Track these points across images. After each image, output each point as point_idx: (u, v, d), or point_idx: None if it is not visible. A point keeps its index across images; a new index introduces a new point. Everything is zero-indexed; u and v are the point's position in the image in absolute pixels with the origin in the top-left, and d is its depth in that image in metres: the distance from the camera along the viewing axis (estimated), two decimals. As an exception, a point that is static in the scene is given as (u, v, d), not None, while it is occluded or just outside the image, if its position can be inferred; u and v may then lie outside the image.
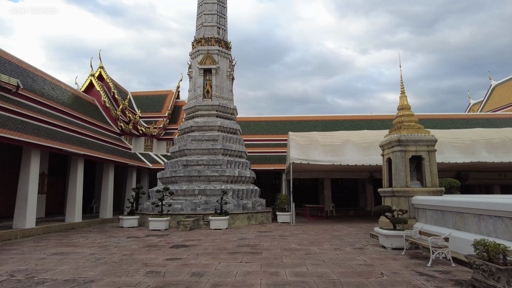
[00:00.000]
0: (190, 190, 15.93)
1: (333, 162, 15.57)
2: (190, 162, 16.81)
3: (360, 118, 29.59)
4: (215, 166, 16.73)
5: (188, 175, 16.36)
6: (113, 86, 26.75)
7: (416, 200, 9.42)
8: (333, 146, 16.49)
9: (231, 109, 18.81)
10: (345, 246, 9.19)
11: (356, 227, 14.36)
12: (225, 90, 18.96)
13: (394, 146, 10.15)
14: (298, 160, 15.53)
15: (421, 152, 10.02)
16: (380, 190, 11.01)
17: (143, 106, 30.39)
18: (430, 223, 8.67)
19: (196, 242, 10.21)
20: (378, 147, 16.42)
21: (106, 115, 25.71)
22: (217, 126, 17.71)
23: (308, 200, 27.24)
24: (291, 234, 11.85)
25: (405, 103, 10.85)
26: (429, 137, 10.06)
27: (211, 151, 17.11)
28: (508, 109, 34.98)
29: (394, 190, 9.85)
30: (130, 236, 11.91)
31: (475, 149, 16.17)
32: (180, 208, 15.56)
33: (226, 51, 19.47)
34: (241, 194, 16.32)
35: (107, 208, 18.29)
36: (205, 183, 16.38)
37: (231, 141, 17.95)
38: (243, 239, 10.61)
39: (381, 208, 8.70)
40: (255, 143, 28.01)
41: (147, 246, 9.51)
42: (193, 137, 17.50)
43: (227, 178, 16.34)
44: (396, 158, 10.03)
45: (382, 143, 11.07)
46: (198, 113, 18.28)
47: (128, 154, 23.08)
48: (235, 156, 17.87)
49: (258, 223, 15.83)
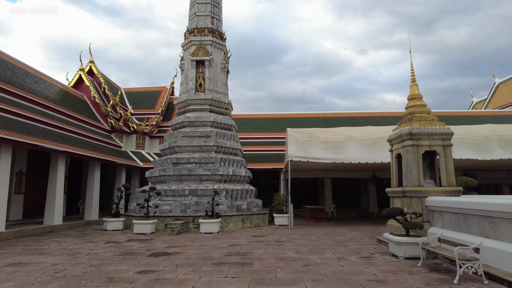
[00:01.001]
0: (180, 190, 14.73)
1: (334, 160, 14.37)
2: (181, 160, 15.61)
3: (361, 115, 28.40)
4: (207, 165, 15.53)
5: (178, 174, 15.15)
6: (104, 81, 25.53)
7: (431, 202, 8.22)
8: (334, 142, 15.29)
9: (226, 103, 17.61)
10: (350, 254, 7.99)
11: (360, 230, 13.17)
12: (219, 84, 17.76)
13: (405, 140, 8.95)
14: (296, 158, 14.34)
15: (436, 147, 8.82)
16: (388, 190, 9.82)
17: (136, 103, 29.21)
18: (448, 228, 7.47)
19: (180, 249, 9.01)
20: (383, 144, 15.23)
21: (96, 112, 24.49)
22: (210, 122, 16.51)
23: (307, 201, 26.04)
24: (288, 239, 10.64)
25: (416, 92, 9.65)
26: (445, 129, 8.87)
27: (203, 148, 15.91)
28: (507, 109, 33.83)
29: (405, 190, 8.65)
30: (110, 241, 10.70)
31: (488, 146, 14.98)
32: (169, 209, 14.36)
33: (221, 42, 18.27)
34: (235, 194, 15.12)
35: (93, 209, 17.09)
36: (196, 183, 15.17)
37: (225, 137, 16.75)
38: (234, 246, 9.40)
39: (393, 210, 7.50)
40: (252, 141, 26.84)
41: (124, 254, 8.31)
42: (184, 134, 16.29)
43: (220, 177, 15.14)
44: (407, 154, 8.84)
45: (390, 137, 9.87)
46: (190, 108, 17.07)
47: (118, 152, 21.87)
48: (229, 153, 16.67)
49: (253, 226, 14.62)
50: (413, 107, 9.46)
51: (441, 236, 6.66)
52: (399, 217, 7.59)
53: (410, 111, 9.45)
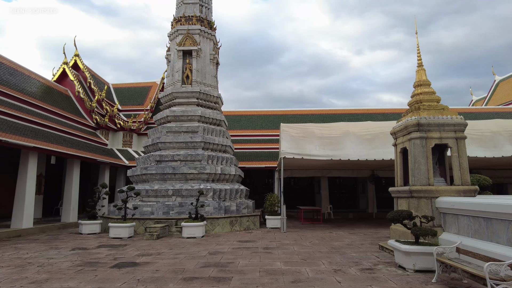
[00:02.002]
0: (162, 190, 13.49)
1: (331, 157, 13.18)
2: (164, 157, 14.36)
3: (359, 112, 27.24)
4: (193, 162, 14.29)
5: (162, 173, 13.91)
6: (90, 76, 24.22)
7: (444, 203, 7.04)
8: (331, 138, 14.09)
9: (215, 97, 16.38)
10: (349, 265, 6.80)
11: (359, 234, 11.98)
12: (208, 76, 16.53)
13: (411, 132, 7.77)
14: (290, 155, 13.13)
15: (447, 140, 7.65)
16: (392, 189, 8.63)
17: (124, 99, 27.92)
18: (466, 234, 6.29)
19: (152, 257, 7.78)
20: (384, 139, 14.03)
21: (81, 107, 23.17)
22: (197, 116, 15.27)
23: (303, 201, 24.87)
24: (279, 246, 9.44)
25: (423, 78, 8.48)
26: (457, 120, 7.70)
27: (189, 145, 14.67)
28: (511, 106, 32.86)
29: (412, 189, 7.47)
30: (78, 247, 9.45)
31: (497, 142, 13.84)
32: (150, 211, 13.12)
33: (210, 31, 17.04)
34: (224, 194, 13.89)
35: (71, 211, 15.84)
36: (181, 182, 13.94)
37: (214, 133, 15.52)
38: (215, 254, 8.18)
39: (399, 214, 6.31)
40: (246, 139, 25.63)
41: (84, 264, 7.08)
42: (169, 129, 15.05)
43: (207, 176, 13.91)
44: (414, 148, 7.66)
45: (394, 129, 8.69)
46: (175, 101, 15.83)
47: (101, 149, 20.58)
48: (218, 150, 15.44)
49: (243, 229, 13.40)
50: (420, 94, 8.28)
51: (460, 245, 5.48)
52: (406, 221, 6.42)
53: (417, 99, 8.27)
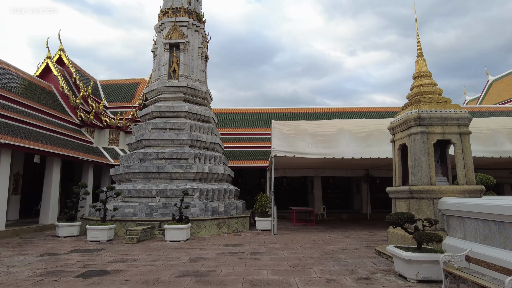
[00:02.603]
0: (146, 190, 12.69)
1: (324, 155, 12.50)
2: (148, 155, 13.56)
3: (353, 111, 26.67)
4: (179, 161, 13.51)
5: (145, 172, 13.11)
6: (75, 72, 23.28)
7: (448, 204, 6.39)
8: (324, 136, 13.42)
9: (203, 92, 15.61)
10: (343, 273, 6.11)
11: (353, 237, 11.32)
12: (196, 70, 15.75)
13: (411, 126, 7.11)
14: (281, 153, 12.42)
15: (450, 135, 7.01)
16: (389, 189, 7.97)
17: (112, 96, 26.98)
18: (473, 239, 5.64)
19: (126, 265, 7.00)
20: (379, 137, 13.41)
21: (65, 104, 22.19)
22: (184, 112, 14.49)
23: (296, 202, 24.20)
24: (267, 250, 8.72)
25: (424, 68, 7.83)
26: (462, 113, 7.06)
27: (175, 142, 13.88)
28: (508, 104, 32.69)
29: (412, 189, 6.81)
30: (48, 252, 8.63)
31: (497, 140, 13.32)
32: (132, 212, 12.31)
33: (198, 24, 16.27)
34: (211, 195, 13.14)
35: (50, 212, 14.93)
36: (166, 182, 13.15)
37: (202, 130, 14.76)
38: (197, 260, 7.43)
39: (400, 216, 5.63)
40: (238, 137, 24.90)
41: (47, 273, 6.28)
42: (154, 125, 14.25)
43: (193, 175, 13.14)
44: (414, 144, 7.00)
45: (392, 124, 8.03)
46: (161, 97, 15.03)
47: (85, 147, 19.68)
48: (205, 148, 14.68)
49: (231, 232, 12.66)
50: (420, 86, 7.63)
51: (469, 253, 4.82)
52: (407, 225, 5.76)
53: (417, 92, 7.61)
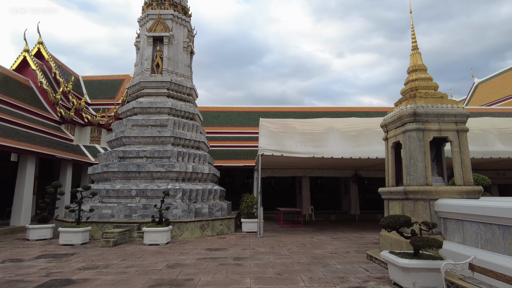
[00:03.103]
0: (125, 190, 11.97)
1: (313, 154, 12.02)
2: (128, 153, 12.84)
3: (342, 110, 26.35)
4: (161, 159, 12.84)
5: (125, 171, 12.39)
6: (55, 66, 22.27)
7: (445, 206, 5.94)
8: (313, 134, 12.95)
9: (188, 88, 14.95)
10: (333, 281, 5.60)
11: (342, 239, 10.86)
12: (181, 65, 15.09)
13: (406, 123, 6.65)
14: (269, 152, 11.88)
15: (447, 132, 6.58)
16: (382, 190, 7.51)
17: (95, 92, 26.01)
18: (473, 245, 5.20)
19: (95, 272, 6.33)
20: (369, 136, 13.01)
21: (44, 100, 21.18)
22: (167, 108, 13.81)
23: (285, 202, 23.73)
24: (252, 255, 8.15)
25: (419, 62, 7.40)
26: (459, 109, 6.65)
27: (157, 140, 13.19)
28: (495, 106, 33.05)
29: (407, 189, 6.35)
30: (11, 258, 7.86)
31: (487, 140, 13.08)
32: (110, 214, 11.58)
33: (184, 17, 15.61)
34: (195, 195, 12.50)
35: (22, 213, 14.03)
36: (147, 181, 12.46)
37: (186, 127, 14.10)
38: (174, 267, 6.81)
39: (396, 220, 5.14)
40: (225, 136, 24.28)
41: (1, 284, 5.57)
42: (135, 122, 13.52)
43: (176, 175, 12.48)
44: (409, 141, 6.54)
45: (385, 121, 7.57)
46: (143, 92, 14.32)
47: (64, 145, 18.76)
48: (190, 146, 14.03)
49: (215, 234, 12.05)
50: (416, 80, 7.19)
51: (475, 262, 4.35)
52: (404, 229, 5.29)
53: (411, 86, 7.17)
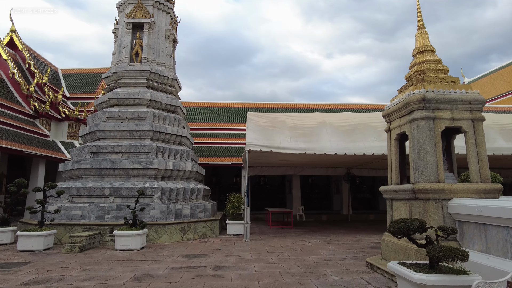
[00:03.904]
0: (98, 189, 10.81)
1: (304, 150, 11.05)
2: (102, 148, 11.67)
3: (335, 107, 25.54)
4: (138, 155, 11.70)
5: (98, 167, 11.22)
6: (30, 57, 20.84)
7: (462, 208, 5.03)
8: (304, 129, 12.01)
9: (170, 78, 13.83)
10: (330, 298, 4.63)
11: (336, 243, 9.93)
12: (162, 54, 13.95)
13: (414, 110, 5.73)
14: (256, 147, 10.89)
15: (461, 122, 5.69)
16: (384, 188, 6.57)
17: (75, 86, 24.61)
18: (500, 254, 4.30)
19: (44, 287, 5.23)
20: (365, 131, 12.10)
21: (16, 92, 19.73)
22: (146, 100, 12.67)
23: (274, 202, 22.77)
24: (236, 263, 7.14)
25: (426, 43, 6.49)
26: (474, 95, 5.76)
27: (134, 134, 12.05)
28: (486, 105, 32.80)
29: (416, 188, 5.42)
30: (-48, 269, 6.67)
31: (489, 136, 12.29)
32: (81, 215, 10.41)
33: (166, 3, 14.48)
34: (175, 195, 11.41)
35: (-16, 215, 12.68)
36: (122, 179, 11.32)
37: (167, 121, 12.99)
38: (142, 279, 5.74)
39: (409, 225, 4.18)
40: (212, 133, 23.21)
41: None
42: (110, 114, 12.35)
43: (154, 172, 11.37)
44: (418, 132, 5.62)
45: (388, 109, 6.63)
46: (121, 82, 13.14)
47: (37, 141, 17.41)
48: (170, 142, 12.92)
49: (197, 237, 10.98)
50: (423, 63, 6.26)
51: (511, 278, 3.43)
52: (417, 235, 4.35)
53: (418, 70, 6.24)
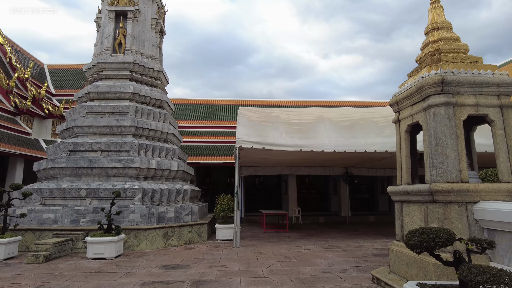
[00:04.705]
0: (73, 190, 9.79)
1: (300, 147, 10.08)
2: (80, 145, 10.65)
3: (333, 104, 24.63)
4: (119, 153, 10.70)
5: (74, 166, 10.20)
6: (11, 50, 19.75)
7: (493, 213, 4.09)
8: (301, 124, 11.06)
9: (155, 71, 12.83)
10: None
11: (336, 250, 8.97)
12: (148, 44, 12.96)
13: (431, 95, 4.78)
14: (248, 144, 9.91)
15: (487, 109, 4.76)
16: (393, 189, 5.61)
17: (61, 82, 23.55)
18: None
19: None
20: (366, 127, 11.14)
21: (-3, 88, 18.68)
22: (129, 93, 11.67)
23: (269, 204, 21.82)
24: (220, 277, 6.16)
25: (441, 18, 5.55)
26: (503, 77, 4.83)
27: (115, 130, 11.04)
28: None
29: (435, 188, 4.47)
30: None
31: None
32: (53, 219, 9.39)
33: (152, -10, 13.48)
34: (159, 197, 10.41)
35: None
36: (101, 179, 10.31)
37: (152, 116, 11.99)
38: (102, 300, 4.76)
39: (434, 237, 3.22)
40: (204, 131, 22.24)
41: None
42: (90, 109, 11.33)
43: (136, 172, 10.36)
44: (435, 121, 4.68)
45: (397, 96, 5.67)
46: (102, 74, 12.13)
47: (17, 139, 16.36)
48: (155, 139, 11.93)
49: (182, 244, 9.98)
50: (439, 41, 5.31)
51: None
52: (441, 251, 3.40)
53: (433, 49, 5.29)
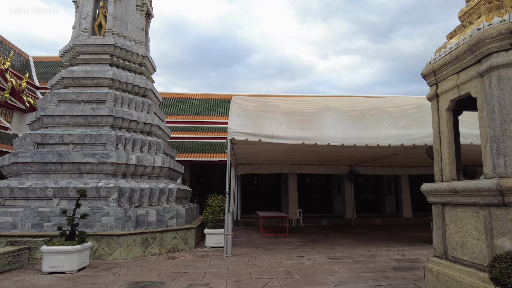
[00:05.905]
0: (38, 189, 8.37)
1: (302, 140, 8.64)
2: (49, 138, 9.23)
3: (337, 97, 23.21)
4: (94, 147, 9.28)
5: (41, 162, 8.78)
6: (-9, 40, 18.37)
7: None
8: (303, 114, 9.64)
9: (140, 56, 11.42)
10: None
11: (345, 260, 7.55)
12: (132, 27, 11.54)
13: (493, 53, 3.38)
14: (241, 135, 8.47)
15: None
16: (431, 187, 4.17)
17: (48, 74, 22.18)
18: None
19: None
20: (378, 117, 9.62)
21: (-26, 79, 17.28)
22: (108, 79, 10.25)
23: (268, 205, 20.42)
24: (200, 299, 4.75)
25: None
26: None
27: (90, 120, 9.62)
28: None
29: (506, 185, 3.08)
30: None
31: None
32: (11, 223, 7.98)
33: (138, -33, 12.07)
34: (138, 197, 8.98)
35: None
36: (73, 177, 8.89)
37: (133, 105, 10.57)
38: None
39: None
40: (199, 127, 20.85)
41: None
42: (63, 97, 9.91)
43: (112, 168, 8.94)
44: (500, 89, 3.27)
45: (434, 64, 4.20)
46: (78, 59, 10.72)
47: (-9, 133, 14.96)
48: (137, 131, 10.51)
49: (165, 252, 8.56)
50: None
51: None
52: None
53: (488, -3, 3.90)
